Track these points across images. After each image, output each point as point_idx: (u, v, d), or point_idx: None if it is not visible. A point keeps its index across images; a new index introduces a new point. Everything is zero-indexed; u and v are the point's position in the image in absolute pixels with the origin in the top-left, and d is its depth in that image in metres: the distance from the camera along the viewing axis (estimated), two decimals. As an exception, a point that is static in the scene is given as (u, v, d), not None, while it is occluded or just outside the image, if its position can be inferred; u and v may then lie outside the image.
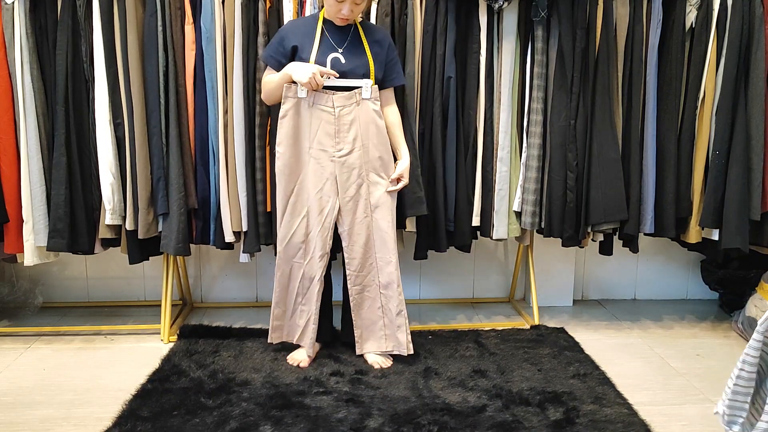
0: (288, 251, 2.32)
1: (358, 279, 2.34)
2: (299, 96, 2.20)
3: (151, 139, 2.46)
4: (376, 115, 2.24)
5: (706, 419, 2.08)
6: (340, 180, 2.25)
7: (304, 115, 2.22)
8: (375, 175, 2.27)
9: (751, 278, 2.94)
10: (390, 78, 2.31)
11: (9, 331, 2.72)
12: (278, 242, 2.32)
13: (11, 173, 2.48)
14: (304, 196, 2.27)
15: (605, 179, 2.54)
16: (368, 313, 2.38)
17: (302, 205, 2.28)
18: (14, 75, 2.42)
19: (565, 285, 3.18)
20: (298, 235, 2.29)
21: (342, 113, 2.21)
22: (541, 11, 2.48)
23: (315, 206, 2.26)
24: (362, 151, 2.24)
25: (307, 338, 2.37)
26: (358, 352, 2.42)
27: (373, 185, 2.27)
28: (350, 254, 2.32)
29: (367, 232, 2.29)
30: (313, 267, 2.31)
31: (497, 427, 1.96)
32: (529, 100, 2.60)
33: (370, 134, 2.24)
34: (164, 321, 2.64)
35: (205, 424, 1.95)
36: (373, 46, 2.27)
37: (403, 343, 2.36)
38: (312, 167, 2.25)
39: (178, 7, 2.43)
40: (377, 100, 2.24)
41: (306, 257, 2.31)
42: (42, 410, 2.07)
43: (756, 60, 2.50)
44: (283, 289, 2.37)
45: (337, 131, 2.22)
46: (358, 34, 2.27)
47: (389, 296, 2.33)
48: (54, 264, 3.05)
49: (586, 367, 2.40)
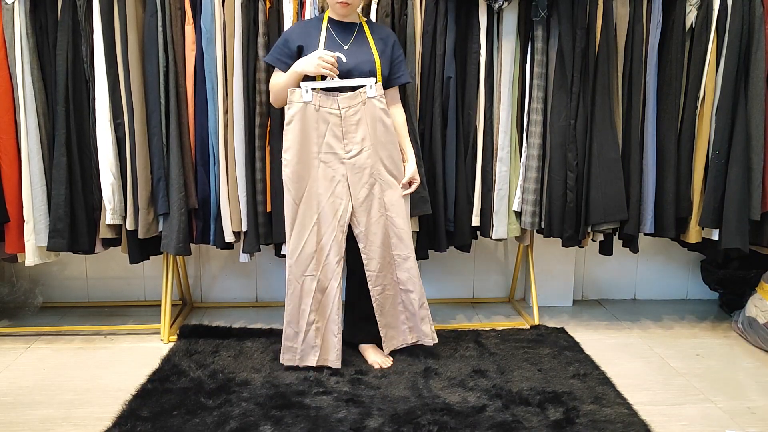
0: (299, 265, 2.25)
1: (378, 279, 2.32)
2: (304, 100, 2.16)
3: (151, 139, 2.46)
4: (382, 113, 2.22)
5: (706, 419, 2.08)
6: (351, 182, 2.23)
7: (310, 120, 2.18)
8: (386, 173, 2.25)
9: (751, 278, 2.94)
10: (396, 76, 2.30)
11: (9, 331, 2.72)
12: (288, 256, 2.26)
13: (12, 173, 2.48)
14: (314, 202, 2.23)
15: (605, 179, 2.54)
16: (391, 311, 2.37)
17: (312, 212, 2.23)
18: (15, 75, 2.42)
19: (565, 285, 3.18)
20: (310, 245, 2.24)
21: (348, 114, 2.19)
22: (541, 11, 2.48)
23: (328, 210, 2.23)
24: (372, 151, 2.22)
25: (332, 353, 2.33)
26: (386, 351, 2.42)
27: (386, 184, 2.26)
28: (368, 255, 2.29)
29: (383, 230, 2.28)
30: (328, 274, 2.26)
31: (497, 427, 1.96)
32: (529, 100, 2.60)
33: (378, 133, 2.22)
34: (164, 321, 2.64)
35: (205, 424, 1.95)
36: (378, 43, 2.25)
37: (428, 334, 2.36)
38: (322, 171, 2.22)
39: (178, 7, 2.43)
40: (383, 98, 2.22)
41: (319, 267, 2.25)
42: (42, 410, 2.07)
43: (756, 60, 2.50)
44: (294, 307, 2.29)
45: (344, 133, 2.21)
46: (363, 31, 2.26)
47: (410, 291, 2.33)
48: (54, 264, 3.06)
49: (586, 367, 2.40)
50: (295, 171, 2.21)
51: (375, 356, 2.40)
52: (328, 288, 2.27)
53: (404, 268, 2.31)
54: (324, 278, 2.26)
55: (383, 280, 2.32)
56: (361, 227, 2.27)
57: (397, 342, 2.42)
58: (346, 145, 2.21)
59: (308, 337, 2.30)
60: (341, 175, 2.22)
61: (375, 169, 2.24)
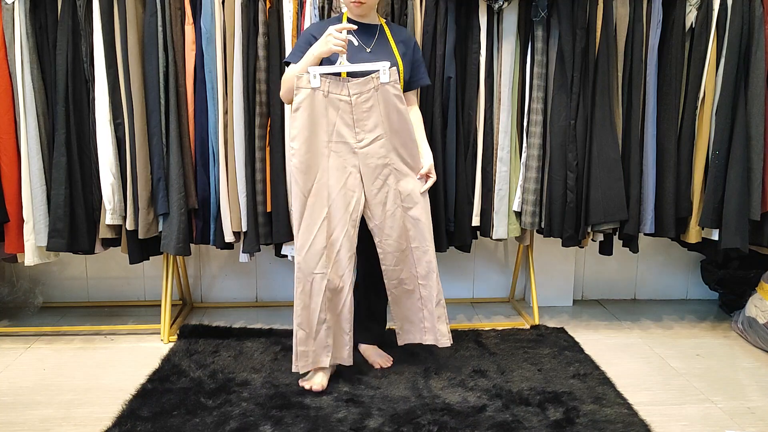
0: (308, 262, 2.10)
1: (394, 273, 2.23)
2: (312, 86, 2.03)
3: (151, 139, 2.46)
4: (397, 100, 2.09)
5: (706, 419, 2.08)
6: (364, 172, 2.12)
7: (319, 107, 2.05)
8: (402, 163, 2.15)
9: (751, 278, 2.94)
10: (416, 78, 2.25)
11: (9, 331, 2.72)
12: (297, 252, 2.12)
13: (11, 173, 2.48)
14: (324, 194, 2.10)
15: (605, 179, 2.54)
16: (408, 304, 2.28)
17: (322, 205, 2.10)
18: (14, 75, 2.42)
19: (565, 285, 3.18)
20: (320, 240, 2.09)
21: (359, 101, 2.07)
22: (541, 11, 2.48)
23: (339, 203, 2.10)
24: (385, 140, 2.12)
25: (345, 351, 2.21)
26: (400, 343, 2.36)
27: (401, 174, 2.15)
28: (384, 249, 2.19)
29: (400, 223, 2.17)
30: (339, 271, 2.12)
31: (497, 427, 1.96)
32: (529, 100, 2.60)
33: (392, 121, 2.11)
34: (164, 321, 2.64)
35: (205, 424, 1.96)
36: (399, 46, 2.19)
37: (444, 334, 2.27)
38: (333, 161, 2.09)
39: (178, 7, 2.43)
40: (397, 84, 2.09)
41: (329, 264, 2.11)
42: (42, 410, 2.07)
43: (756, 60, 2.50)
44: (305, 307, 2.13)
45: (355, 121, 2.09)
46: (385, 34, 2.20)
47: (429, 286, 2.23)
48: (54, 264, 3.05)
49: (586, 367, 2.40)
50: (303, 161, 2.08)
51: (376, 356, 2.40)
52: (340, 286, 2.14)
53: (424, 261, 2.20)
54: (335, 276, 2.12)
55: (399, 273, 2.23)
56: (376, 220, 2.17)
57: (413, 337, 2.33)
58: (358, 134, 2.10)
59: (320, 337, 2.16)
60: (353, 165, 2.11)
61: (389, 159, 2.13)
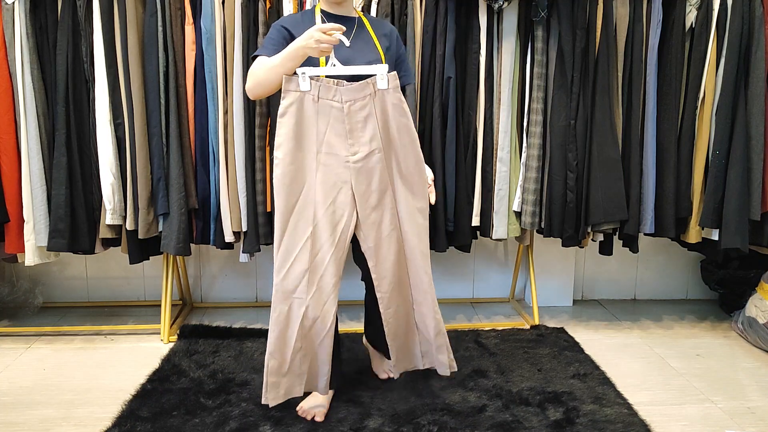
0: (286, 285, 1.88)
1: (391, 301, 1.98)
2: (302, 89, 1.80)
3: (151, 139, 2.46)
4: (398, 111, 1.85)
5: (705, 419, 2.08)
6: (357, 190, 1.86)
7: (308, 113, 1.83)
8: (401, 182, 1.91)
9: (751, 278, 2.94)
10: (399, 76, 1.94)
11: (9, 331, 2.72)
12: (275, 273, 1.89)
13: (12, 173, 2.48)
14: (309, 211, 1.87)
15: (605, 179, 2.54)
16: (403, 333, 2.06)
17: (306, 224, 1.87)
18: (15, 75, 2.42)
19: (565, 285, 3.18)
20: (301, 262, 1.87)
21: (353, 109, 1.83)
22: (541, 11, 2.48)
23: (326, 222, 1.86)
24: (384, 154, 1.87)
25: (321, 381, 2.00)
26: (395, 372, 2.12)
27: (400, 193, 1.92)
28: (379, 274, 1.94)
29: (396, 246, 1.93)
30: (322, 298, 1.88)
31: (497, 427, 1.96)
32: (529, 100, 2.60)
33: (392, 133, 1.87)
34: (164, 321, 2.64)
35: (205, 424, 1.96)
36: (382, 40, 1.97)
37: (444, 363, 2.07)
38: (321, 176, 1.85)
39: (178, 7, 2.43)
40: (398, 90, 1.85)
41: (311, 290, 1.87)
42: (42, 410, 2.07)
43: (756, 60, 2.50)
44: (280, 335, 1.90)
45: (349, 131, 1.84)
46: (364, 26, 1.97)
47: (424, 313, 2.02)
48: (54, 264, 3.06)
49: (586, 367, 2.40)
50: (287, 173, 1.84)
51: (383, 365, 2.31)
52: (321, 315, 1.89)
53: (420, 290, 1.99)
54: (315, 304, 1.88)
55: (396, 300, 1.99)
56: (370, 242, 1.92)
57: (408, 365, 2.13)
58: (352, 146, 1.85)
59: (293, 366, 1.95)
60: (344, 181, 1.86)
61: (387, 175, 1.89)
